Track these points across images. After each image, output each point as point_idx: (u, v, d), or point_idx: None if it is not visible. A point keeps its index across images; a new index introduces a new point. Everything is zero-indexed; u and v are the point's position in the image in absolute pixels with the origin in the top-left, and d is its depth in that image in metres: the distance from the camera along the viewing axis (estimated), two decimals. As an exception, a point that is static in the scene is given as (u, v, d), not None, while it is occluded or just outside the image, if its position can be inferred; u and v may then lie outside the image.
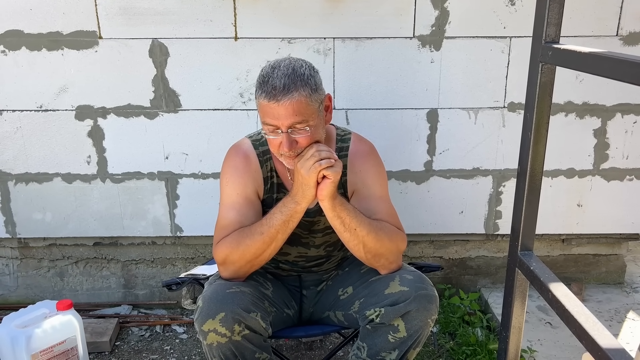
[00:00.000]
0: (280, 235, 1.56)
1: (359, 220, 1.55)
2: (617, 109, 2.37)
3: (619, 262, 2.69)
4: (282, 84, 1.45)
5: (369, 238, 1.55)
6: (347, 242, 1.59)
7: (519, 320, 1.41)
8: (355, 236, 1.55)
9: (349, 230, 1.55)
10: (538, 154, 1.27)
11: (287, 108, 1.45)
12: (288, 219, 1.54)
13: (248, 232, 1.56)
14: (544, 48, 1.17)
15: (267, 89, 1.46)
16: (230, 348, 1.49)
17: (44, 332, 1.98)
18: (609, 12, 2.23)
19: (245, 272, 1.62)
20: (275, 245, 1.57)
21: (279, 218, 1.54)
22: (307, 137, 1.51)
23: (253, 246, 1.55)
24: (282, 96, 1.44)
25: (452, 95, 2.33)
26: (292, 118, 1.46)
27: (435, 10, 2.21)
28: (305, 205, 1.54)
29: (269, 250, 1.58)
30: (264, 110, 1.48)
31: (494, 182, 2.45)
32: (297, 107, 1.46)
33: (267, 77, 1.48)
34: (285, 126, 1.47)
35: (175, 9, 2.18)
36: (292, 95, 1.45)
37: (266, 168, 1.69)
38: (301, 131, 1.49)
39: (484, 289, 2.67)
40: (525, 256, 1.32)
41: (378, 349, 1.59)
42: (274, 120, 1.47)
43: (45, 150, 2.35)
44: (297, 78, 1.47)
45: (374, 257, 1.60)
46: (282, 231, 1.55)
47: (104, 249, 2.57)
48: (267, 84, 1.47)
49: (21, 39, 2.20)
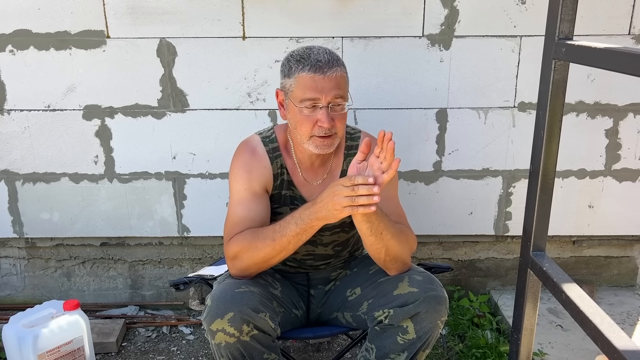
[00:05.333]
0: (292, 246, 1.52)
1: (386, 224, 1.50)
2: (630, 109, 2.34)
3: (631, 264, 2.66)
4: (326, 59, 1.52)
5: (392, 242, 1.53)
6: (369, 245, 1.54)
7: (530, 322, 1.39)
8: (380, 240, 1.51)
9: (375, 234, 1.50)
10: (551, 153, 1.25)
11: (332, 80, 1.50)
12: (302, 232, 1.49)
13: (260, 235, 1.54)
14: (557, 45, 1.15)
15: (311, 62, 1.51)
16: (238, 348, 1.47)
17: (51, 332, 1.98)
18: (621, 10, 2.21)
19: (253, 272, 1.61)
20: (285, 253, 1.54)
21: (293, 230, 1.49)
22: (342, 117, 1.56)
23: (263, 250, 1.53)
24: (328, 69, 1.50)
25: (462, 94, 2.31)
26: (335, 90, 1.51)
27: (444, 9, 2.19)
28: (322, 224, 1.48)
29: (278, 257, 1.55)
30: (306, 84, 1.51)
31: (504, 183, 2.43)
32: (341, 81, 1.53)
33: (306, 55, 1.53)
34: (327, 100, 1.51)
35: (183, 8, 2.17)
36: (335, 70, 1.51)
37: (276, 164, 1.68)
38: (338, 107, 1.53)
39: (493, 291, 2.64)
40: (538, 256, 1.30)
41: (387, 351, 1.57)
42: (316, 93, 1.50)
43: (53, 150, 2.35)
44: (335, 56, 1.55)
45: (392, 259, 1.57)
46: (294, 242, 1.51)
47: (111, 249, 2.57)
48: (309, 59, 1.52)
49: (29, 38, 2.20)
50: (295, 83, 1.53)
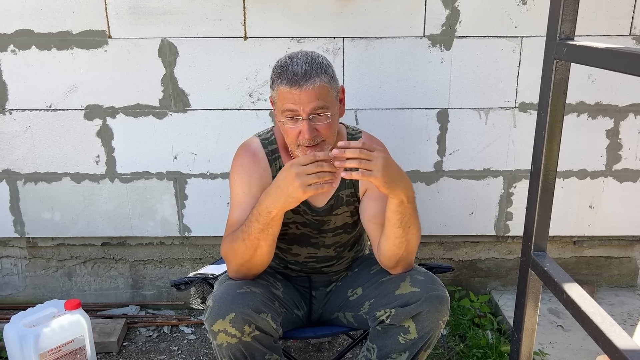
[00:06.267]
0: (264, 242, 1.48)
1: (415, 219, 1.49)
2: (630, 109, 2.34)
3: (632, 265, 2.66)
4: (303, 70, 1.47)
5: (414, 238, 1.51)
6: (394, 238, 1.50)
7: (531, 322, 1.39)
8: (406, 233, 1.48)
9: (404, 227, 1.47)
10: (552, 153, 1.25)
11: (309, 93, 1.47)
12: (266, 227, 1.45)
13: (235, 236, 1.52)
14: (559, 45, 1.15)
15: (288, 75, 1.48)
16: (240, 349, 1.48)
17: (52, 332, 1.98)
18: (622, 11, 2.21)
19: (248, 273, 1.59)
20: (262, 251, 1.50)
21: (256, 227, 1.46)
22: (327, 125, 1.51)
23: (239, 250, 1.51)
24: (304, 81, 1.46)
25: (463, 95, 2.31)
26: (314, 102, 1.47)
27: (445, 9, 2.20)
28: (283, 212, 1.45)
29: (257, 255, 1.51)
30: (284, 97, 1.49)
31: (505, 183, 2.43)
32: (319, 91, 1.48)
33: (286, 66, 1.50)
34: (306, 112, 1.48)
35: (185, 9, 2.17)
36: (313, 81, 1.47)
37: (275, 167, 1.68)
38: (321, 117, 1.50)
39: (494, 291, 2.64)
40: (539, 256, 1.31)
41: (388, 351, 1.57)
42: (295, 105, 1.48)
43: (54, 149, 2.36)
44: (316, 65, 1.50)
45: (407, 256, 1.55)
46: (264, 238, 1.47)
47: (112, 249, 2.57)
48: (287, 72, 1.48)
49: (31, 38, 2.20)
50: (276, 95, 1.52)
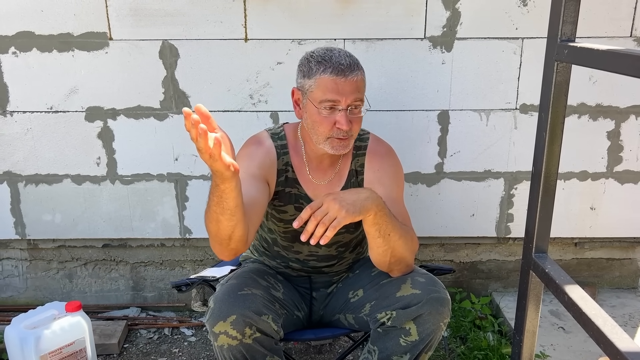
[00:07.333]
0: (223, 217, 1.35)
1: (393, 225, 1.48)
2: (631, 111, 2.34)
3: (633, 267, 2.66)
4: (347, 62, 1.52)
5: (399, 243, 1.50)
6: (376, 248, 1.51)
7: (533, 323, 1.38)
8: (387, 242, 1.48)
9: (383, 236, 1.47)
10: (553, 155, 1.25)
11: (352, 84, 1.52)
12: (219, 200, 1.33)
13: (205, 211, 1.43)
14: (560, 46, 1.15)
15: (333, 64, 1.51)
16: (240, 351, 1.47)
17: (53, 334, 1.98)
18: (622, 12, 2.21)
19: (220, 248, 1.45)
20: (224, 225, 1.37)
21: (214, 201, 1.34)
22: (359, 120, 1.58)
23: (208, 224, 1.41)
24: (350, 72, 1.51)
25: (464, 96, 2.31)
26: (355, 94, 1.52)
27: (446, 11, 2.20)
28: (227, 183, 1.29)
29: (223, 229, 1.38)
30: (327, 86, 1.51)
31: (506, 185, 2.43)
32: (360, 85, 1.55)
33: (327, 56, 1.54)
34: (346, 103, 1.52)
35: (186, 10, 2.17)
36: (356, 74, 1.53)
37: (282, 161, 1.69)
38: (357, 110, 1.55)
39: (495, 293, 2.64)
40: (540, 258, 1.30)
41: (389, 353, 1.57)
42: (337, 95, 1.51)
43: (55, 151, 2.36)
44: (356, 60, 1.57)
45: (397, 261, 1.55)
46: (221, 212, 1.34)
47: (112, 250, 2.57)
48: (331, 61, 1.52)
49: (32, 40, 2.21)
50: (315, 84, 1.53)
